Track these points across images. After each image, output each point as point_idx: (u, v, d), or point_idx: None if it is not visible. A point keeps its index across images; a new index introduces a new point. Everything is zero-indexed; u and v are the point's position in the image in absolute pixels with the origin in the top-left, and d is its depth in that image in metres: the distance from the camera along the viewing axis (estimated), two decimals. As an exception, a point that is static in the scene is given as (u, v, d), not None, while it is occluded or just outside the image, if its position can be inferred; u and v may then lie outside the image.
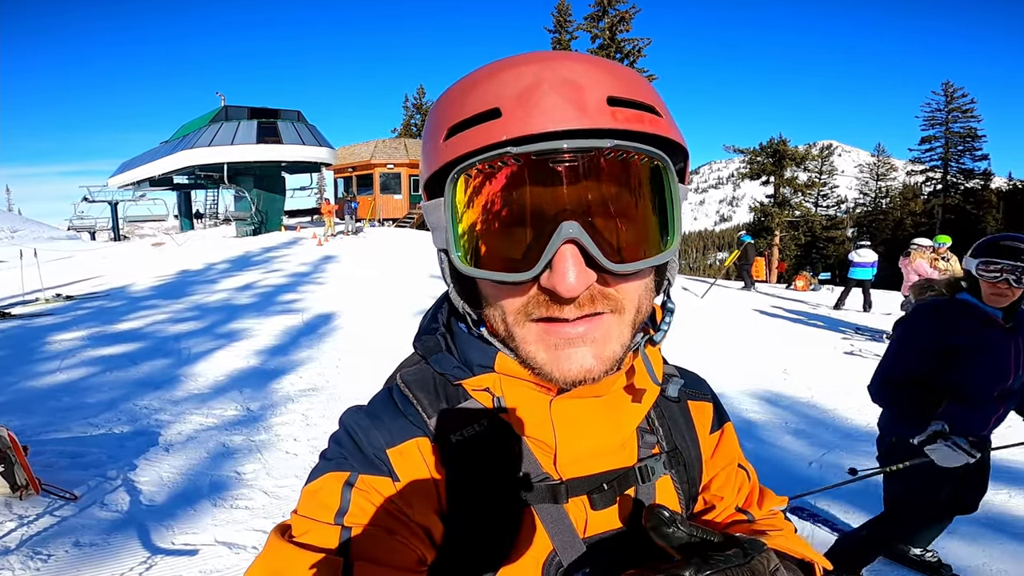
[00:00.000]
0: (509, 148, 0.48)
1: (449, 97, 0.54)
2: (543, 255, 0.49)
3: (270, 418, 4.83)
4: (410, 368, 0.68)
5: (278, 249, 17.65)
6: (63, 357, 6.61)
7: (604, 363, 0.54)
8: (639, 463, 0.64)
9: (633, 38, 30.62)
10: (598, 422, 0.60)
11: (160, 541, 3.04)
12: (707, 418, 0.76)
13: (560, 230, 0.48)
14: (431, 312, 0.72)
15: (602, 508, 0.61)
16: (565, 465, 0.60)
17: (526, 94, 0.49)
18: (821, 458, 4.21)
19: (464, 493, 0.58)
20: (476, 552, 0.57)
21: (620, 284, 0.54)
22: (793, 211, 33.17)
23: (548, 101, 0.48)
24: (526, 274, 0.50)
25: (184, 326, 8.24)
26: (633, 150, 0.49)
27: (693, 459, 0.71)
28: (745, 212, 61.33)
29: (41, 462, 3.76)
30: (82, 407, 5.01)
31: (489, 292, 0.57)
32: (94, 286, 12.42)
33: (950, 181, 39.02)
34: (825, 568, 0.61)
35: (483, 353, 0.61)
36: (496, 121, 0.49)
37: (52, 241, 26.09)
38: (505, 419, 0.61)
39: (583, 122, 0.48)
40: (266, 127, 22.60)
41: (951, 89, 39.57)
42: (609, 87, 0.50)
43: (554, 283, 0.49)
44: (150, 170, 26.08)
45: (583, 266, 0.49)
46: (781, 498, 0.77)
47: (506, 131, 0.48)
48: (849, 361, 7.33)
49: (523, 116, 0.48)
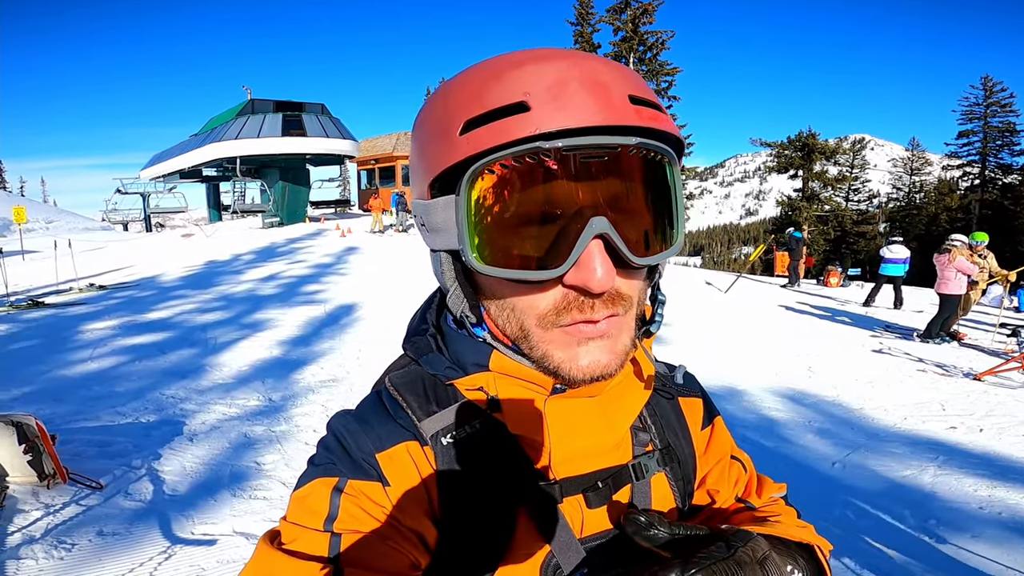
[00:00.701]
0: (540, 143, 0.47)
1: (460, 90, 0.53)
2: (573, 251, 0.49)
3: (291, 409, 4.90)
4: (398, 371, 0.67)
5: (302, 240, 17.90)
6: (94, 346, 6.80)
7: (617, 357, 0.54)
8: (633, 461, 0.64)
9: (656, 30, 30.19)
10: (592, 421, 0.59)
11: (180, 531, 3.09)
12: (698, 414, 0.76)
13: (591, 225, 0.48)
14: (419, 313, 0.71)
15: (597, 506, 0.60)
16: (559, 464, 0.59)
17: (556, 89, 0.48)
18: (845, 458, 4.12)
19: (457, 495, 0.58)
20: (472, 555, 0.56)
21: (630, 280, 0.54)
22: (822, 205, 32.52)
23: (579, 97, 0.48)
24: (553, 272, 0.50)
25: (211, 316, 8.42)
26: (654, 148, 0.50)
27: (687, 456, 0.71)
28: (772, 206, 60.43)
29: (70, 451, 3.86)
30: (111, 396, 5.14)
31: (503, 293, 0.56)
32: (126, 276, 12.75)
33: (988, 176, 37.86)
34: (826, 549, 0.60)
35: (477, 352, 0.60)
36: (525, 115, 0.48)
37: (86, 232, 26.83)
38: (498, 419, 0.60)
39: (611, 119, 0.48)
40: (291, 120, 22.91)
41: (990, 83, 38.37)
42: (629, 87, 0.51)
43: (585, 279, 0.49)
44: (180, 163, 26.66)
45: (610, 262, 0.50)
46: (780, 485, 0.77)
47: (537, 125, 0.47)
48: (877, 359, 7.16)
49: (555, 110, 0.47)
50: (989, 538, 3.07)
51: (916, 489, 3.66)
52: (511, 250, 0.51)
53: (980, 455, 4.17)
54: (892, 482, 3.76)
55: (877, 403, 5.37)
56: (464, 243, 0.52)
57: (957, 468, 3.94)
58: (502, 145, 0.48)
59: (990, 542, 3.03)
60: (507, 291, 0.55)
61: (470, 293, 0.59)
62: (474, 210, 0.51)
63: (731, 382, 5.86)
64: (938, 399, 5.51)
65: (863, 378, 6.24)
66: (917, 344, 8.07)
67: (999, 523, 3.23)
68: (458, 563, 0.56)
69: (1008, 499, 3.49)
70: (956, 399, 5.50)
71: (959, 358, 7.27)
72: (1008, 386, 5.94)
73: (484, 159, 0.49)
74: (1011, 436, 4.52)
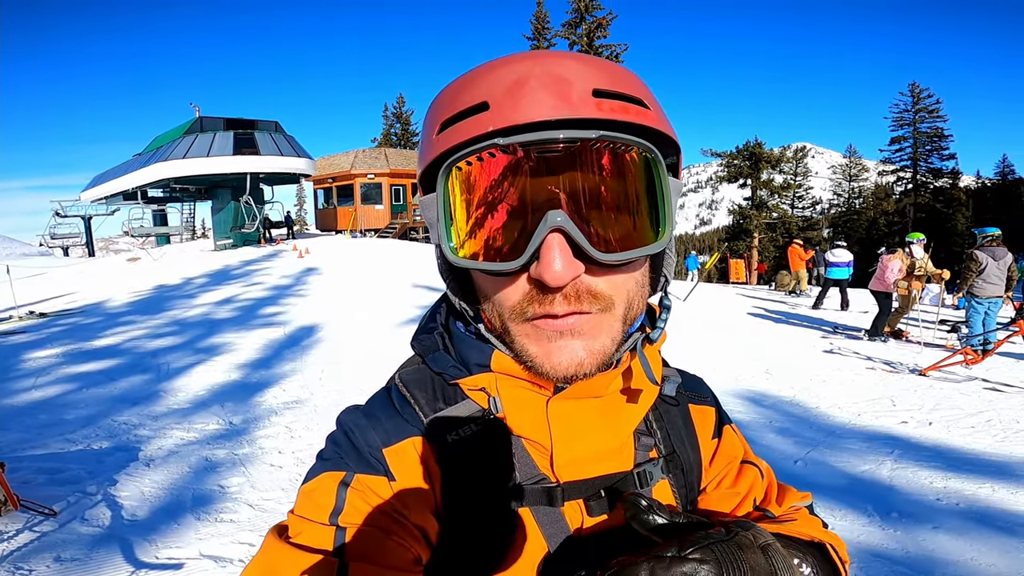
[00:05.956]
0: (497, 139, 0.49)
1: (443, 94, 0.55)
2: (530, 244, 0.49)
3: (253, 431, 4.75)
4: (409, 368, 0.68)
5: (258, 262, 17.44)
6: (38, 375, 6.45)
7: (595, 356, 0.53)
8: (636, 468, 0.63)
9: (611, 44, 31.01)
10: (595, 424, 0.60)
11: (144, 555, 2.97)
12: (709, 423, 0.75)
13: (546, 219, 0.48)
14: (430, 312, 0.71)
15: (598, 515, 0.60)
16: (562, 467, 0.59)
17: (514, 88, 0.50)
18: (806, 456, 4.25)
19: (459, 493, 0.58)
20: (471, 553, 0.57)
21: (609, 277, 0.53)
22: (771, 213, 33.69)
23: (534, 94, 0.49)
24: (513, 263, 0.50)
25: (163, 341, 8.10)
26: (620, 140, 0.49)
27: (692, 464, 0.70)
28: (724, 215, 62.34)
29: (18, 479, 3.67)
30: (59, 423, 4.89)
31: (485, 286, 0.57)
32: (68, 303, 12.15)
33: (920, 180, 39.96)
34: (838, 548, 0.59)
35: (480, 352, 0.61)
36: (484, 114, 0.50)
37: (24, 257, 25.48)
38: (501, 419, 0.60)
39: (566, 112, 0.48)
40: (243, 138, 22.31)
41: (917, 90, 40.58)
42: (596, 81, 0.51)
43: (540, 272, 0.49)
44: (124, 183, 25.58)
45: (570, 256, 0.49)
46: (804, 494, 0.74)
47: (493, 122, 0.49)
48: (829, 359, 7.44)
49: (510, 108, 0.49)
50: (950, 529, 3.18)
51: (876, 483, 3.79)
52: (480, 243, 0.53)
53: (932, 448, 4.35)
54: (852, 477, 3.90)
55: (832, 401, 5.57)
56: (441, 236, 0.54)
57: (912, 461, 4.10)
58: (464, 143, 0.50)
59: (951, 532, 3.14)
60: (486, 284, 0.57)
61: (459, 288, 0.61)
62: (448, 205, 0.53)
63: (694, 386, 5.97)
64: (888, 395, 5.75)
65: (817, 378, 6.46)
66: (865, 343, 8.43)
67: (957, 513, 3.36)
68: (458, 560, 0.57)
69: (964, 490, 3.63)
70: (905, 394, 5.75)
71: (904, 355, 7.62)
72: (952, 380, 6.26)
73: (452, 156, 0.51)
74: (959, 428, 4.75)
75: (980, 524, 3.23)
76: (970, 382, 6.19)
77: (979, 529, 3.18)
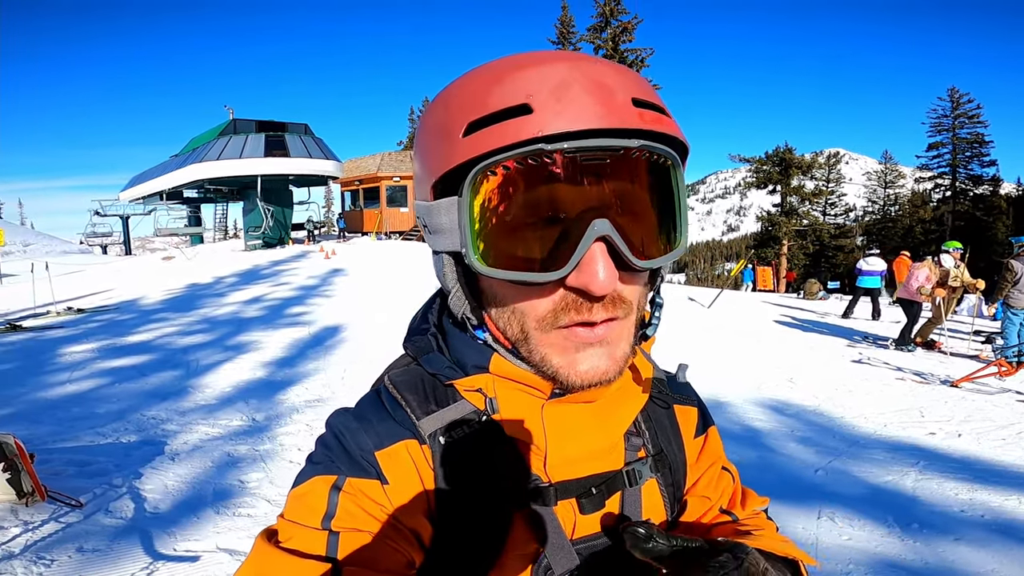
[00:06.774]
0: (542, 145, 0.47)
1: (463, 92, 0.53)
2: (575, 253, 0.49)
3: (275, 428, 4.85)
4: (398, 369, 0.67)
5: (286, 262, 17.78)
6: (73, 369, 6.68)
7: (617, 363, 0.55)
8: (626, 466, 0.64)
9: (636, 48, 30.82)
10: (589, 425, 0.60)
11: (162, 547, 3.05)
12: (692, 422, 0.76)
13: (592, 227, 0.48)
14: (420, 313, 0.71)
15: (590, 512, 0.61)
16: (554, 468, 0.60)
17: (559, 91, 0.48)
18: (828, 465, 4.17)
19: (453, 495, 0.58)
20: (465, 554, 0.57)
21: (631, 285, 0.54)
22: (800, 220, 33.09)
23: (582, 100, 0.48)
24: (555, 273, 0.50)
25: (193, 339, 8.31)
26: (657, 151, 0.50)
27: (678, 463, 0.71)
28: (752, 222, 61.52)
29: (48, 470, 3.79)
30: (90, 417, 5.05)
31: (505, 296, 0.56)
32: (105, 299, 12.55)
33: (959, 187, 38.74)
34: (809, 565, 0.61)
35: (479, 354, 0.61)
36: (528, 117, 0.48)
37: (64, 255, 26.42)
38: (496, 421, 0.60)
39: (614, 121, 0.48)
40: (274, 140, 22.82)
41: (957, 95, 39.37)
42: (633, 90, 0.51)
43: (586, 281, 0.49)
44: (160, 184, 26.38)
45: (612, 264, 0.49)
46: (763, 498, 0.77)
47: (540, 127, 0.47)
48: (857, 369, 7.27)
49: (557, 113, 0.47)
50: (972, 540, 3.11)
51: (898, 493, 3.71)
52: (513, 252, 0.51)
53: (960, 459, 4.23)
54: (875, 487, 3.81)
55: (857, 411, 5.45)
56: (466, 245, 0.52)
57: (938, 472, 3.99)
58: (505, 147, 0.48)
59: (973, 544, 3.07)
60: (509, 293, 0.55)
61: (472, 295, 0.59)
62: (476, 212, 0.51)
63: (715, 394, 5.90)
64: (917, 406, 5.60)
65: (843, 387, 6.33)
66: (895, 353, 8.22)
67: (981, 525, 3.28)
68: (453, 562, 0.57)
69: (989, 502, 3.54)
70: (934, 406, 5.60)
71: (936, 366, 7.41)
72: (985, 392, 6.07)
73: (486, 160, 0.49)
74: (990, 440, 4.61)
75: (1004, 536, 3.14)
76: (1003, 394, 6.00)
77: (1002, 541, 3.10)
